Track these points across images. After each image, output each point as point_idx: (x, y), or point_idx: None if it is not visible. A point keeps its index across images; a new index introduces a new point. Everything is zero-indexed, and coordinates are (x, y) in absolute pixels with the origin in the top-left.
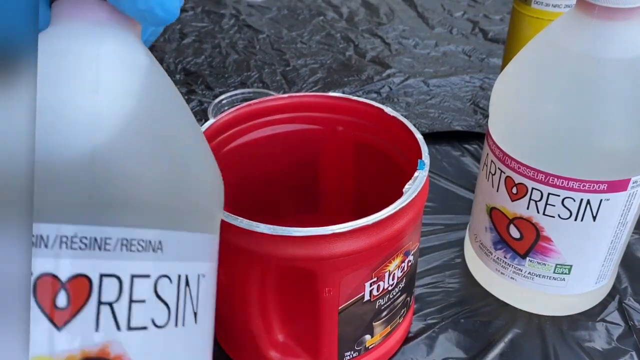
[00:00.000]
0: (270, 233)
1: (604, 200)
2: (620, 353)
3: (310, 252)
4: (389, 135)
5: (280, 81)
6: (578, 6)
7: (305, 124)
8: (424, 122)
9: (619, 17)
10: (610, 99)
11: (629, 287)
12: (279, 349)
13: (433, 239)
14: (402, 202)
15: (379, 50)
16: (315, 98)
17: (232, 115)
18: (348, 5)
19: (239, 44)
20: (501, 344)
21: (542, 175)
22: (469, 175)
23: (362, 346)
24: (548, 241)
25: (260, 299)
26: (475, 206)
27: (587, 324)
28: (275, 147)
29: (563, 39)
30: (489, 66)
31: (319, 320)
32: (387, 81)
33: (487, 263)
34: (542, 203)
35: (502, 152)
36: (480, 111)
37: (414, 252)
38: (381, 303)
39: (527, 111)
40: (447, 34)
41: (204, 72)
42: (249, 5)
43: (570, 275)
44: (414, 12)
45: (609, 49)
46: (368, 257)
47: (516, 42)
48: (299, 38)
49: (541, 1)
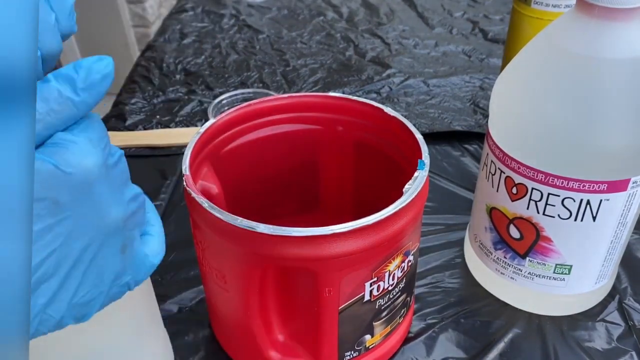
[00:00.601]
0: (270, 233)
1: (604, 201)
2: (620, 353)
3: (310, 252)
4: (389, 135)
5: (280, 81)
6: (578, 6)
7: (305, 124)
8: (424, 122)
9: (619, 17)
10: (610, 99)
11: (629, 287)
12: (279, 349)
13: (433, 239)
14: (402, 202)
15: (379, 50)
16: (315, 98)
17: (232, 116)
18: (348, 5)
19: (239, 44)
20: (501, 344)
21: (542, 175)
22: (469, 175)
23: (362, 346)
24: (548, 241)
25: (260, 299)
26: (475, 206)
27: (587, 324)
28: (275, 147)
29: (563, 39)
30: (489, 66)
31: (319, 320)
32: (387, 81)
33: (487, 263)
34: (542, 203)
35: (502, 152)
36: (480, 111)
37: (414, 252)
38: (381, 303)
39: (527, 111)
40: (447, 34)
41: (204, 72)
42: (249, 5)
43: (570, 276)
44: (414, 12)
45: (608, 49)
46: (368, 257)
47: (516, 42)
48: (299, 38)
49: (541, 1)
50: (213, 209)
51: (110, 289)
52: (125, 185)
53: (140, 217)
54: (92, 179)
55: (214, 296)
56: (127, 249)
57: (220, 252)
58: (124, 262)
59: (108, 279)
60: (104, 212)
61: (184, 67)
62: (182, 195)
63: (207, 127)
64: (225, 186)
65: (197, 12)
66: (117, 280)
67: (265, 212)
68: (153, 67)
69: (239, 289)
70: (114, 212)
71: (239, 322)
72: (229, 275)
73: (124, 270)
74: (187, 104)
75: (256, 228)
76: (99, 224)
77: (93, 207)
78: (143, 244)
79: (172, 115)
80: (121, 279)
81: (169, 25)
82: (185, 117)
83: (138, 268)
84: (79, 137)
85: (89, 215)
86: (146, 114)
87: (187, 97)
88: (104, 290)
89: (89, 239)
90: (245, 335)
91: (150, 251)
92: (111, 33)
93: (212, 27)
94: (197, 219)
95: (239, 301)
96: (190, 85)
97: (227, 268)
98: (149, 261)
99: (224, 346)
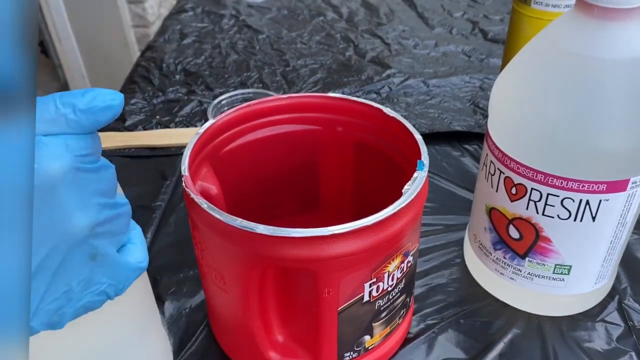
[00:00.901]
0: (270, 234)
1: (604, 201)
2: (620, 353)
3: (310, 253)
4: (389, 136)
5: (280, 81)
6: (578, 6)
7: (305, 125)
8: (423, 123)
9: (619, 17)
10: (610, 99)
11: (628, 287)
12: (278, 350)
13: (433, 239)
14: (401, 202)
15: (378, 50)
16: (315, 98)
17: (232, 116)
18: (348, 6)
19: (239, 44)
20: (501, 344)
21: (542, 175)
22: (468, 176)
23: (362, 347)
24: (547, 241)
25: (259, 299)
26: (475, 206)
27: (586, 324)
28: (275, 148)
29: (563, 39)
30: (488, 66)
31: (318, 321)
32: (387, 81)
33: (486, 263)
34: (541, 203)
35: (502, 153)
36: (480, 111)
37: (413, 253)
38: (381, 304)
39: (527, 111)
40: (447, 34)
41: (204, 72)
42: (249, 6)
43: (570, 276)
44: (414, 12)
45: (608, 49)
46: (367, 258)
47: (516, 42)
48: (299, 38)
49: (541, 1)
50: (212, 210)
51: (82, 297)
52: (102, 194)
53: (119, 225)
54: (55, 183)
55: (213, 297)
56: (97, 257)
57: (220, 253)
58: (96, 270)
59: (78, 287)
60: (67, 218)
61: (184, 67)
62: (181, 195)
63: (207, 128)
64: (224, 187)
65: (197, 13)
66: (90, 288)
67: (264, 212)
68: (153, 67)
69: (238, 290)
70: (79, 220)
71: (238, 323)
72: (228, 276)
73: (97, 278)
74: (187, 104)
75: (256, 229)
76: (62, 230)
77: (56, 212)
78: (125, 251)
79: (171, 115)
80: (96, 288)
81: (169, 25)
82: (185, 118)
83: (117, 276)
84: (54, 140)
85: (51, 220)
86: (146, 114)
87: (186, 97)
88: (75, 298)
89: (53, 244)
90: (244, 335)
91: (134, 259)
92: (111, 33)
93: (212, 27)
94: (197, 219)
95: (239, 302)
96: (190, 85)
97: (226, 269)
98: (131, 269)
99: (224, 347)
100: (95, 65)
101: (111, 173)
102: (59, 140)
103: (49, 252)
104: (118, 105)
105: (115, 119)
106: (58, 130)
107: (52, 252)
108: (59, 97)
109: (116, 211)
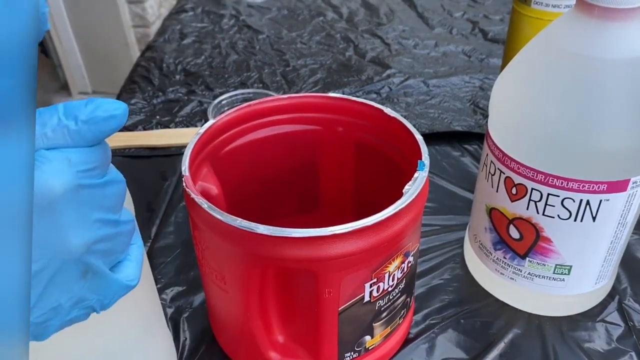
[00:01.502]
0: (270, 234)
1: (604, 201)
2: (620, 353)
3: (310, 253)
4: (389, 136)
5: (280, 81)
6: (578, 6)
7: (305, 125)
8: (423, 123)
9: (619, 17)
10: (610, 99)
11: (628, 287)
12: (278, 350)
13: (433, 240)
14: (402, 203)
15: (378, 50)
16: (315, 99)
17: (232, 116)
18: (348, 6)
19: (239, 44)
20: (501, 344)
21: (542, 175)
22: (468, 176)
23: (362, 347)
24: (548, 242)
25: (260, 299)
26: (475, 206)
27: (586, 324)
28: (275, 148)
29: (563, 39)
30: (488, 66)
31: (319, 321)
32: (387, 81)
33: (486, 263)
34: (541, 203)
35: (502, 153)
36: (480, 111)
37: (413, 253)
38: (381, 304)
39: (527, 111)
40: (447, 34)
41: (204, 72)
42: (249, 6)
43: (570, 276)
44: (413, 13)
45: (608, 49)
46: (368, 258)
47: (516, 42)
48: (299, 38)
49: (541, 1)
50: (213, 210)
51: (70, 312)
52: (105, 209)
53: (118, 244)
54: (55, 201)
55: (214, 297)
56: (88, 274)
57: (220, 253)
58: (87, 286)
59: (67, 303)
60: (63, 236)
61: (184, 67)
62: (181, 196)
63: (207, 128)
64: (225, 187)
65: (197, 13)
66: (78, 303)
67: (265, 212)
68: (153, 67)
69: (238, 290)
70: (75, 238)
71: (238, 323)
72: (228, 276)
73: (86, 294)
74: (187, 104)
75: (256, 229)
76: (56, 248)
77: (52, 229)
78: (118, 268)
79: (171, 115)
80: (83, 303)
81: (169, 25)
82: (185, 118)
83: (105, 292)
84: (56, 154)
85: (46, 237)
86: (146, 115)
87: (186, 97)
88: (63, 312)
89: (47, 260)
90: (245, 336)
91: (124, 276)
92: (111, 33)
93: (212, 27)
94: (197, 219)
95: (239, 302)
96: (190, 85)
97: (226, 269)
98: (120, 286)
99: (224, 347)
100: (95, 65)
101: (119, 188)
102: (61, 154)
103: (40, 268)
104: (121, 115)
105: (120, 129)
106: (61, 142)
107: (43, 268)
108: (62, 108)
109: (117, 229)
